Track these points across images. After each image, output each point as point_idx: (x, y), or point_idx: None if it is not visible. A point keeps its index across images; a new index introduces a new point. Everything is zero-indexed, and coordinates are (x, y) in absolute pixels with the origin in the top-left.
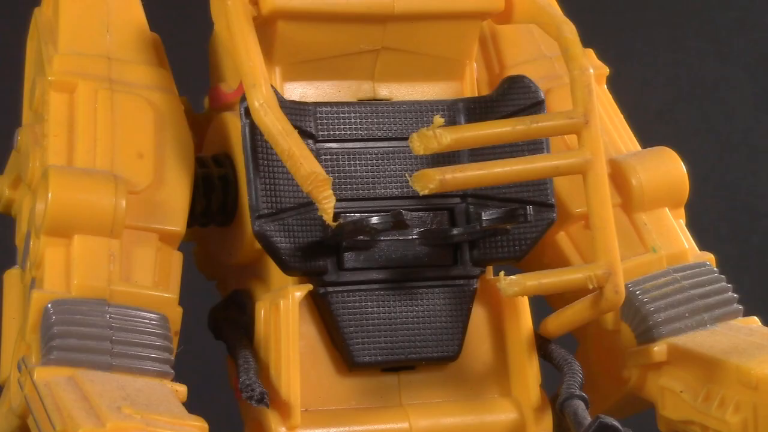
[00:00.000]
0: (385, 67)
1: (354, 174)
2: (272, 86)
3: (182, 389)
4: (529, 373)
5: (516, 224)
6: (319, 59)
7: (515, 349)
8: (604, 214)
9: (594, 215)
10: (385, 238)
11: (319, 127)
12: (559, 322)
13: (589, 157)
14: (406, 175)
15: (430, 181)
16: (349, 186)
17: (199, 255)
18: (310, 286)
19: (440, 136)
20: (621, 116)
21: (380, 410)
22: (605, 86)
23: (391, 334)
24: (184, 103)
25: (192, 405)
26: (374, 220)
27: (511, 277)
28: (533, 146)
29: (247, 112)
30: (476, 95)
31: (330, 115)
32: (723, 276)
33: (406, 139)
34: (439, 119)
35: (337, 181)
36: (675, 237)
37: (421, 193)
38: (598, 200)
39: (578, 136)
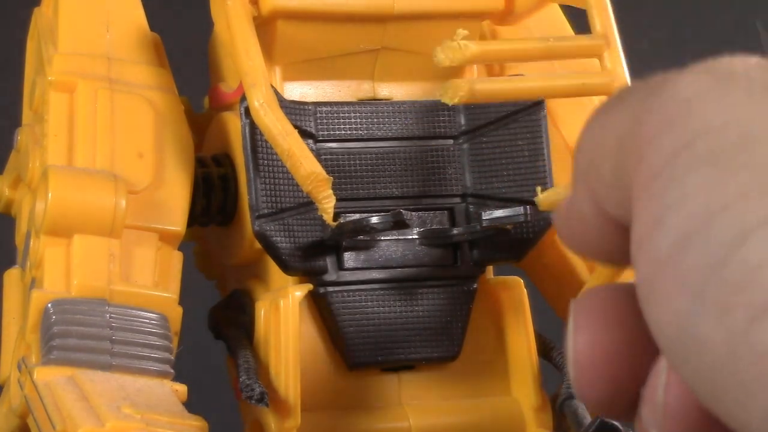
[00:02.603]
0: (384, 66)
1: (354, 174)
2: (272, 86)
3: (182, 389)
4: (529, 372)
5: (516, 224)
6: (319, 59)
7: (515, 349)
8: None
9: None
10: (385, 238)
11: (319, 126)
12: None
13: (611, 79)
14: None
15: (459, 89)
16: (349, 186)
17: (199, 255)
18: (310, 286)
19: (465, 48)
20: None
21: (380, 410)
22: None
23: (391, 334)
24: (184, 103)
25: (192, 405)
26: (374, 219)
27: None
28: (534, 146)
29: (247, 112)
30: None
31: (330, 114)
32: None
33: (406, 138)
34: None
35: (337, 180)
36: None
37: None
38: None
39: (600, 60)
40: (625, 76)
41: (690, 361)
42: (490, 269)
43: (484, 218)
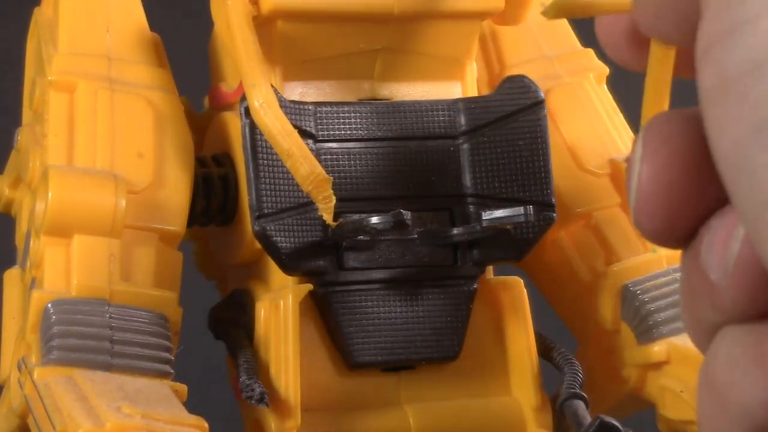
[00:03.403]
0: (385, 67)
1: (354, 174)
2: (272, 86)
3: (182, 389)
4: (529, 373)
5: (516, 224)
6: (319, 59)
7: (515, 349)
8: None
9: None
10: (385, 238)
11: (319, 126)
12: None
13: None
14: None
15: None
16: (349, 186)
17: (199, 255)
18: (310, 286)
19: None
20: (621, 116)
21: (380, 410)
22: (605, 86)
23: (391, 334)
24: (184, 103)
25: (192, 405)
26: (374, 220)
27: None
28: (534, 146)
29: (247, 112)
30: (476, 95)
31: (330, 114)
32: None
33: (406, 138)
34: None
35: (337, 181)
36: None
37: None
38: None
39: None
40: None
41: (741, 191)
42: (490, 269)
43: (484, 218)
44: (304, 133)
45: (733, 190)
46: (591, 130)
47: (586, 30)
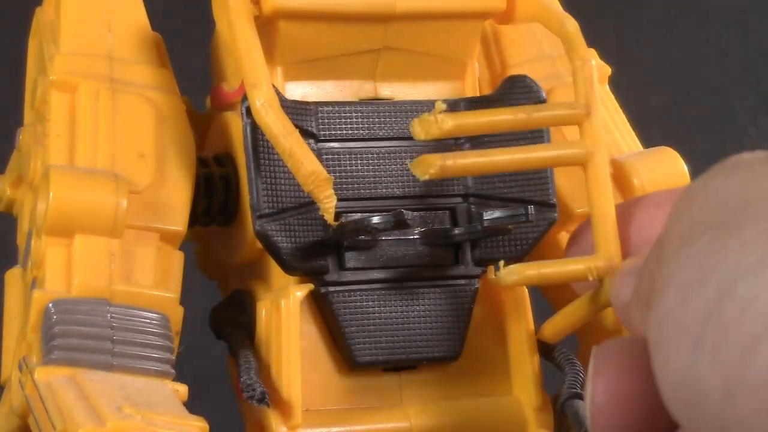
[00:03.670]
0: (386, 66)
1: (355, 173)
2: (273, 86)
3: (183, 389)
4: (530, 373)
5: (517, 224)
6: (321, 59)
7: (516, 349)
8: (605, 206)
9: (594, 207)
10: (387, 238)
11: (321, 126)
12: (555, 325)
13: (591, 149)
14: (407, 162)
15: (430, 166)
16: (350, 185)
17: (201, 255)
18: (311, 286)
19: (441, 122)
20: (622, 116)
21: (381, 410)
22: (607, 86)
23: (393, 333)
24: (185, 103)
25: (192, 405)
26: (375, 219)
27: (511, 266)
28: (534, 139)
29: (249, 112)
30: (478, 95)
31: (331, 114)
32: None
33: (407, 138)
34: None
35: (338, 180)
36: None
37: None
38: (598, 192)
39: (580, 128)
40: (602, 145)
41: (693, 410)
42: (491, 269)
43: (485, 218)
44: (306, 133)
45: (682, 415)
46: None
47: (586, 31)
